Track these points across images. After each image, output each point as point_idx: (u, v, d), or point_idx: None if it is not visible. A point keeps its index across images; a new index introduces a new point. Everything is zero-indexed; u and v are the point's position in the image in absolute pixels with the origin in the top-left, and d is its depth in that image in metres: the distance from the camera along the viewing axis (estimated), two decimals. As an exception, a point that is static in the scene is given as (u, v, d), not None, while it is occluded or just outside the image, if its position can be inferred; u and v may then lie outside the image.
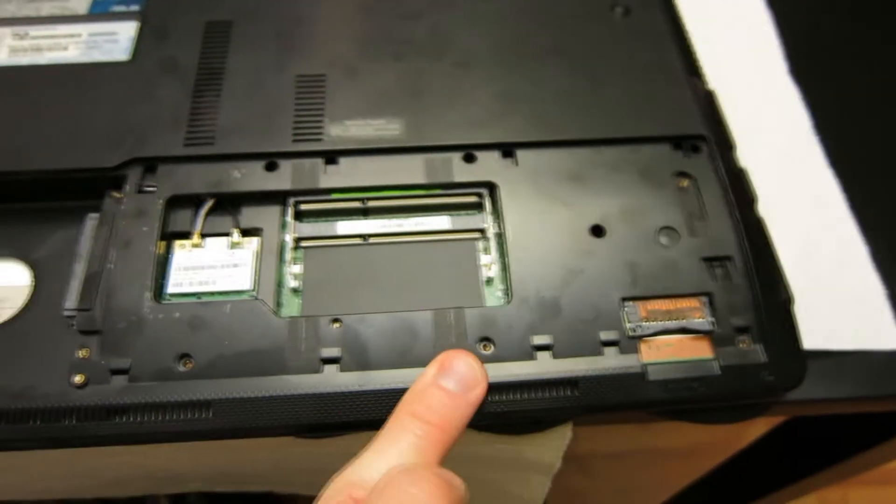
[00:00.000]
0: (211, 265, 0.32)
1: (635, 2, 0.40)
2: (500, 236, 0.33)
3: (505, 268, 0.32)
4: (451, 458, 0.26)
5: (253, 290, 0.31)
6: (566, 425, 0.33)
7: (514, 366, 0.30)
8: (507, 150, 0.34)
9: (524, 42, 0.39)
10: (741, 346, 0.31)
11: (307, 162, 0.34)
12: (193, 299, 0.31)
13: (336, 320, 0.30)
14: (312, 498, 0.24)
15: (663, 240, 0.32)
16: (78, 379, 0.29)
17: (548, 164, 0.34)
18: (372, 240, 0.33)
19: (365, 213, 0.34)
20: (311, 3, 0.40)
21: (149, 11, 0.39)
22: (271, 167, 0.34)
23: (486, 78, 0.37)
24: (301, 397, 0.29)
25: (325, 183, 0.33)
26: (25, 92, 0.36)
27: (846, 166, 0.41)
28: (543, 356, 0.30)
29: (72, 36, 0.38)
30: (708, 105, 0.37)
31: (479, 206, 0.34)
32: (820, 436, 0.60)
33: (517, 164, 0.34)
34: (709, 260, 0.32)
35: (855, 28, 0.49)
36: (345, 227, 0.33)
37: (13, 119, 0.35)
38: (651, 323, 0.31)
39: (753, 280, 0.31)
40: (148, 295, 0.30)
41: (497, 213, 0.33)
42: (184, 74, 0.36)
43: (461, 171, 0.34)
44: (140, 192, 0.33)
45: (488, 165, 0.34)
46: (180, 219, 0.33)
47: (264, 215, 0.33)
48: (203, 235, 0.33)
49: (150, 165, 0.33)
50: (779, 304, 0.32)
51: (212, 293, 0.31)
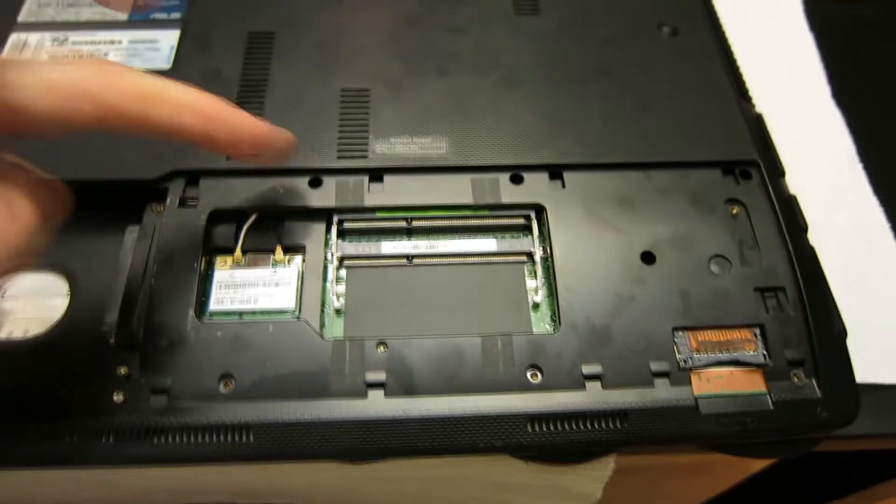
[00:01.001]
0: (253, 283, 0.31)
1: (683, 22, 0.39)
2: (548, 260, 0.32)
3: (552, 293, 0.31)
4: (490, 484, 0.25)
5: (296, 310, 0.31)
6: (610, 456, 0.32)
7: (563, 395, 0.29)
8: (555, 171, 0.34)
9: (569, 60, 0.38)
10: (794, 380, 0.30)
11: (351, 179, 0.33)
12: (235, 318, 0.31)
13: (381, 343, 0.30)
14: None
15: (714, 268, 0.32)
16: (118, 397, 0.28)
17: (596, 187, 0.33)
18: (416, 261, 0.32)
19: (409, 233, 0.33)
20: (354, 15, 0.39)
21: (190, 20, 0.39)
22: (315, 183, 0.33)
23: (531, 97, 0.36)
24: (345, 423, 0.28)
25: (369, 201, 0.33)
26: (65, 99, 0.35)
27: (891, 193, 0.41)
28: (593, 386, 0.29)
29: (112, 42, 0.37)
30: (758, 129, 0.36)
31: (525, 229, 0.33)
32: (841, 460, 0.59)
33: (564, 186, 0.33)
34: (761, 290, 0.31)
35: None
36: (389, 247, 0.32)
37: (52, 127, 0.34)
38: (703, 355, 0.30)
39: (807, 312, 0.31)
40: (191, 312, 0.30)
41: (544, 237, 0.33)
42: (226, 85, 0.36)
43: (508, 193, 0.33)
44: (181, 205, 0.32)
45: (536, 187, 0.33)
46: (221, 234, 0.32)
47: (307, 232, 0.32)
48: (244, 252, 0.32)
49: (191, 178, 0.33)
50: (833, 337, 0.31)
51: (253, 312, 0.31)
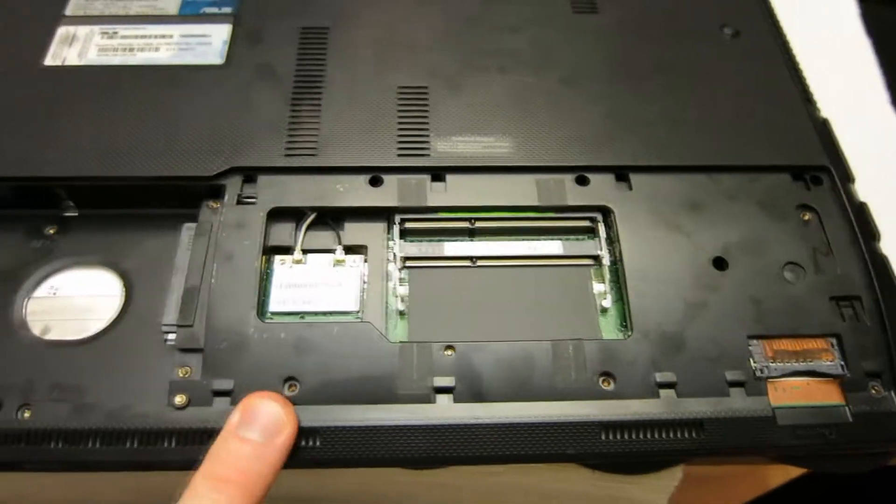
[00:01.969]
0: (314, 283, 0.30)
1: (744, 23, 0.39)
2: (616, 264, 0.31)
3: (621, 298, 0.30)
4: (548, 493, 0.24)
5: (359, 312, 0.30)
6: (678, 466, 0.31)
7: (637, 404, 0.28)
8: (621, 173, 0.33)
9: (629, 59, 0.37)
10: (873, 392, 0.29)
11: (413, 178, 0.32)
12: (296, 319, 0.30)
13: (449, 347, 0.29)
14: None
15: (788, 276, 0.31)
16: (179, 400, 0.28)
17: (663, 189, 0.32)
18: (480, 262, 0.31)
19: (471, 234, 0.32)
20: (409, 10, 0.39)
21: (242, 14, 0.38)
22: (376, 182, 0.32)
23: (593, 96, 0.35)
24: (414, 429, 0.27)
25: (431, 201, 0.32)
26: (118, 92, 0.35)
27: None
28: (667, 395, 0.28)
29: (163, 37, 0.37)
30: (826, 134, 0.35)
31: (590, 231, 0.32)
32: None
33: (631, 188, 0.32)
34: (836, 299, 0.30)
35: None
36: (453, 248, 0.31)
37: (107, 121, 0.34)
38: (779, 364, 0.29)
39: (885, 322, 0.30)
40: (252, 313, 0.29)
41: (611, 240, 0.32)
42: (281, 81, 0.35)
43: (574, 194, 0.32)
44: (239, 203, 0.31)
45: (601, 189, 0.32)
46: (279, 232, 0.31)
47: (368, 232, 0.31)
48: (303, 251, 0.31)
49: (249, 176, 0.32)
50: (910, 348, 0.30)
51: (315, 313, 0.30)
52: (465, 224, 0.32)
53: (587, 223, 0.32)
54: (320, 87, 0.35)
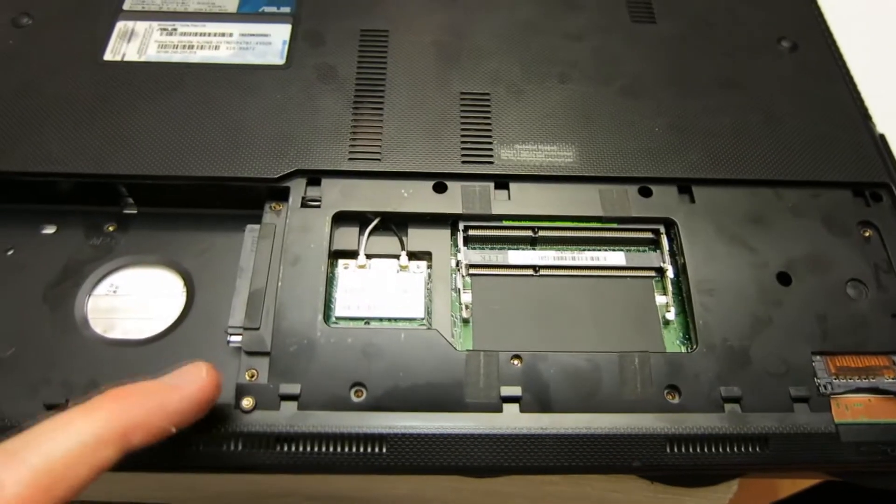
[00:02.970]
0: (379, 289, 0.30)
1: (802, 37, 0.39)
2: (679, 277, 0.31)
3: (685, 311, 0.30)
4: (601, 502, 0.24)
5: (425, 319, 0.30)
6: (735, 479, 0.31)
7: (702, 418, 0.28)
8: (684, 185, 0.33)
9: (688, 70, 0.37)
10: (935, 410, 0.29)
11: (477, 185, 0.32)
12: (361, 324, 0.30)
13: (516, 356, 0.29)
14: None
15: (851, 292, 0.31)
16: (247, 403, 0.27)
17: (726, 202, 0.32)
18: (543, 271, 0.31)
19: (533, 242, 0.32)
20: (468, 15, 0.39)
21: (301, 14, 0.38)
22: (440, 188, 0.32)
23: (655, 107, 0.35)
24: (481, 438, 0.27)
25: (496, 209, 0.32)
26: (180, 90, 0.34)
27: None
28: (732, 409, 0.28)
29: (222, 35, 0.36)
30: (885, 150, 0.35)
31: (653, 243, 0.32)
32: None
33: (694, 200, 0.33)
34: (899, 317, 0.31)
35: None
36: (516, 256, 0.31)
37: (169, 118, 0.33)
38: (842, 380, 0.29)
39: (947, 341, 0.30)
40: (319, 317, 0.29)
41: (674, 252, 0.32)
42: (342, 83, 0.35)
43: (637, 206, 0.32)
44: (304, 206, 0.31)
45: (665, 201, 0.32)
46: (343, 237, 0.31)
47: (431, 238, 0.31)
48: (367, 256, 0.31)
49: (313, 178, 0.32)
50: (971, 368, 0.30)
51: (380, 319, 0.30)
52: (528, 233, 0.32)
53: (650, 235, 0.32)
54: (382, 91, 0.35)
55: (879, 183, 0.33)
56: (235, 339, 0.29)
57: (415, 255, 0.31)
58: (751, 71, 0.37)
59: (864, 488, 0.32)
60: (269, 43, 0.36)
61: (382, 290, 0.30)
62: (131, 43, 0.36)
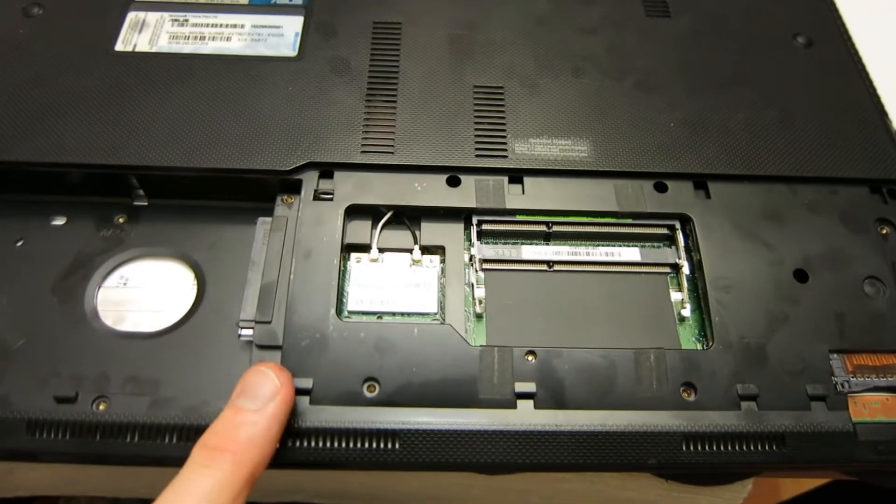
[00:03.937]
0: (391, 283, 0.30)
1: (817, 33, 0.38)
2: (694, 273, 0.31)
3: (700, 308, 0.30)
4: (616, 500, 0.24)
5: (438, 314, 0.30)
6: (750, 478, 0.31)
7: (718, 416, 0.28)
8: (700, 181, 0.33)
9: (705, 66, 0.37)
10: (953, 410, 0.29)
11: (491, 179, 0.32)
12: (374, 318, 0.29)
13: (531, 352, 0.28)
14: None
15: (868, 290, 0.31)
16: (258, 397, 0.27)
17: (742, 199, 0.32)
18: (557, 267, 0.31)
19: (546, 237, 0.32)
20: (482, 8, 0.38)
21: (314, 6, 0.38)
22: (454, 182, 0.32)
23: (669, 102, 0.35)
24: (496, 434, 0.27)
25: (510, 203, 0.31)
26: (191, 81, 0.34)
27: None
28: (748, 407, 0.28)
29: (234, 26, 0.36)
30: (902, 148, 0.35)
31: (667, 239, 0.32)
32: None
33: (710, 196, 0.32)
34: (917, 315, 0.30)
35: None
36: (530, 251, 0.31)
37: (181, 110, 0.33)
38: (859, 379, 0.29)
39: (965, 340, 0.30)
40: (332, 311, 0.29)
41: (690, 248, 0.31)
42: (355, 76, 0.34)
43: (652, 201, 0.32)
44: (316, 198, 0.31)
45: (680, 197, 0.32)
46: (356, 230, 0.31)
47: (445, 233, 0.31)
48: (380, 250, 0.31)
49: (325, 171, 0.32)
50: None
51: (393, 313, 0.30)
52: (542, 228, 0.32)
53: (665, 230, 0.32)
54: (395, 84, 0.35)
55: (896, 180, 0.33)
56: (247, 332, 0.29)
57: (428, 250, 0.31)
58: (766, 66, 0.37)
59: (880, 488, 0.32)
60: (281, 35, 0.36)
61: (395, 284, 0.30)
62: (142, 34, 0.36)
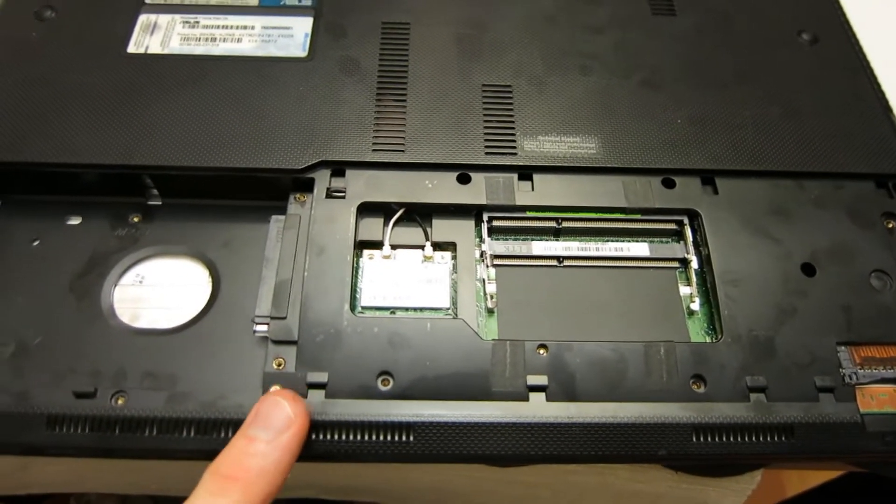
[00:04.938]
0: (404, 279, 0.31)
1: (822, 30, 0.39)
2: (703, 267, 0.31)
3: (709, 301, 0.31)
4: (624, 493, 0.24)
5: (450, 309, 0.30)
6: (758, 470, 0.32)
7: (728, 407, 0.28)
8: (707, 177, 0.33)
9: (709, 62, 0.37)
10: (960, 401, 0.29)
11: (501, 176, 0.32)
12: (387, 314, 0.30)
13: (542, 346, 0.29)
14: None
15: (875, 283, 0.31)
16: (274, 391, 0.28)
17: (750, 194, 0.33)
18: (567, 262, 0.31)
19: (556, 233, 0.32)
20: (488, 8, 0.39)
21: (323, 7, 0.38)
22: (464, 179, 0.32)
23: (675, 99, 0.35)
24: (509, 426, 0.27)
25: (520, 200, 0.32)
26: (203, 82, 0.35)
27: None
28: (757, 399, 0.28)
29: (245, 27, 0.37)
30: (907, 142, 0.35)
31: (675, 234, 0.32)
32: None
33: (717, 192, 0.33)
34: (923, 307, 0.31)
35: None
36: (540, 247, 0.32)
37: (193, 110, 0.34)
38: (866, 370, 0.29)
39: (972, 332, 0.30)
40: (346, 307, 0.29)
41: (699, 243, 0.32)
42: (365, 75, 0.35)
43: (661, 197, 0.32)
44: (329, 196, 0.32)
45: (688, 192, 0.32)
46: (368, 227, 0.32)
47: (456, 229, 0.32)
48: (392, 246, 0.31)
49: (337, 169, 0.32)
50: None
51: (406, 308, 0.30)
52: (552, 224, 0.32)
53: (673, 226, 0.32)
54: (404, 83, 0.35)
55: (902, 174, 0.34)
56: (262, 328, 0.29)
57: (439, 246, 0.31)
58: (771, 63, 0.37)
59: (888, 479, 0.32)
60: (291, 35, 0.36)
61: (408, 280, 0.31)
62: (154, 36, 0.36)
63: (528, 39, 0.37)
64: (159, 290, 0.31)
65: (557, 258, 0.31)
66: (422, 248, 0.31)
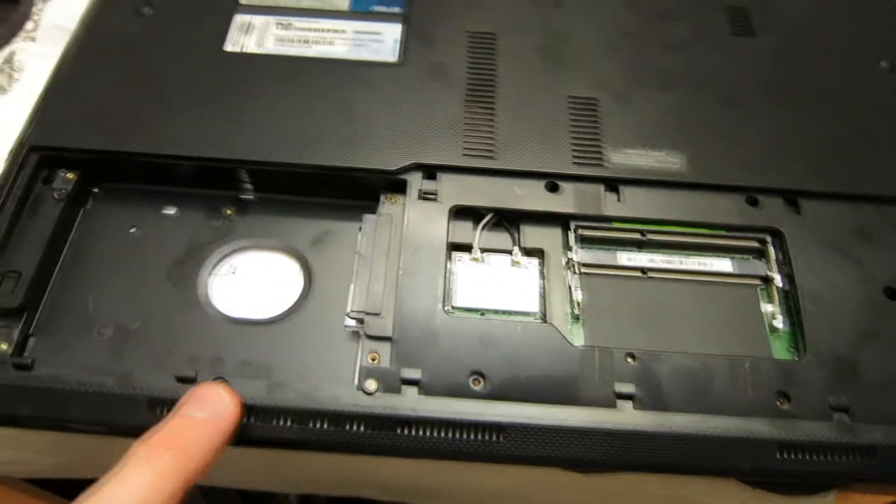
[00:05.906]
0: (494, 282, 0.31)
1: (901, 58, 0.39)
2: (786, 286, 0.32)
3: (793, 320, 0.31)
4: None
5: (540, 314, 0.31)
6: (831, 491, 0.32)
7: (811, 425, 0.29)
8: (791, 197, 0.34)
9: (788, 83, 0.38)
10: None
11: (589, 187, 0.33)
12: (477, 315, 0.31)
13: (630, 355, 0.29)
14: None
15: (957, 310, 0.31)
16: (370, 385, 0.28)
17: (832, 216, 0.33)
18: (651, 274, 0.32)
19: (640, 245, 0.33)
20: (571, 21, 0.40)
21: (411, 15, 0.39)
22: (553, 188, 0.33)
23: (756, 118, 0.36)
24: (598, 432, 0.28)
25: (607, 210, 0.33)
26: (299, 82, 0.36)
27: None
28: (840, 418, 0.29)
29: (336, 31, 0.38)
30: None
31: (757, 252, 0.33)
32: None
33: (800, 212, 0.33)
34: None
35: None
36: (626, 258, 0.32)
37: (289, 108, 0.35)
38: (948, 395, 0.30)
39: None
40: (439, 306, 0.30)
41: (781, 262, 0.32)
42: (454, 83, 0.36)
43: (745, 215, 0.33)
44: (422, 198, 0.32)
45: (771, 211, 0.33)
46: (458, 230, 0.32)
47: (544, 236, 0.32)
48: (482, 250, 0.32)
49: (430, 173, 0.33)
50: None
51: (496, 311, 0.31)
52: (637, 235, 0.33)
53: (756, 244, 0.33)
54: (493, 91, 0.36)
55: (981, 204, 0.34)
56: (352, 323, 0.30)
57: (527, 252, 0.32)
58: (850, 88, 0.38)
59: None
60: (381, 41, 0.37)
61: (497, 283, 0.31)
62: (250, 35, 0.37)
63: (609, 53, 0.38)
64: (253, 282, 0.32)
65: (642, 269, 0.32)
66: (510, 252, 0.32)
